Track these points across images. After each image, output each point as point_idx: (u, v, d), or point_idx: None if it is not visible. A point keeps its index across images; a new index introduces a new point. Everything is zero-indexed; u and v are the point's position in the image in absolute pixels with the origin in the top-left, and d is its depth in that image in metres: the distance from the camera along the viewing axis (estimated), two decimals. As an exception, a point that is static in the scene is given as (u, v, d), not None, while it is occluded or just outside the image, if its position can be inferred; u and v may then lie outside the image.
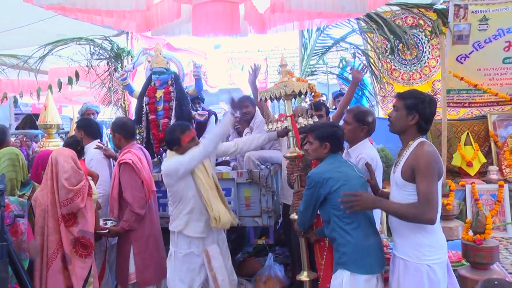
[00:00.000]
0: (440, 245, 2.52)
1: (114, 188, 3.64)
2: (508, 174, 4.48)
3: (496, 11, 4.41)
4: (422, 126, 2.55)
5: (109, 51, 5.34)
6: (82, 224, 3.13)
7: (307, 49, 5.33)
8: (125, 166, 3.60)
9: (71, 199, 3.08)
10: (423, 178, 2.42)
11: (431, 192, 2.40)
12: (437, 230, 2.51)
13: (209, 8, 3.09)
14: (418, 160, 2.46)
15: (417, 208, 2.43)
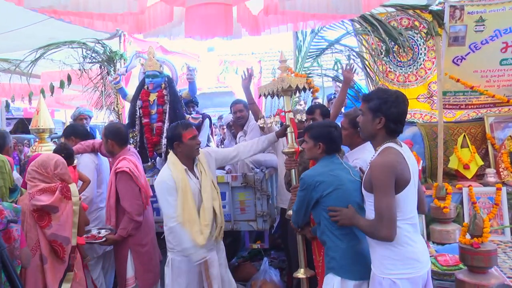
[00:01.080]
0: (408, 259, 2.38)
1: (111, 197, 3.64)
2: (506, 176, 4.49)
3: (493, 11, 4.43)
4: (391, 128, 2.43)
5: (102, 55, 5.34)
6: (56, 228, 3.11)
7: (301, 51, 5.33)
8: (122, 174, 3.59)
9: (33, 194, 3.08)
10: (376, 193, 2.34)
11: (384, 208, 2.30)
12: (404, 243, 2.38)
13: (202, 10, 3.09)
14: (371, 172, 2.39)
15: (372, 226, 2.38)
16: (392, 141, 2.44)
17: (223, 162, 3.77)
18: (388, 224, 2.29)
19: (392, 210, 2.30)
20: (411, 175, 2.38)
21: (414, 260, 2.38)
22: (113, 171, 3.67)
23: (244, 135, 4.68)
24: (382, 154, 2.41)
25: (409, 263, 2.37)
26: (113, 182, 3.63)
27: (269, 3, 3.49)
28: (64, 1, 3.12)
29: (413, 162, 2.47)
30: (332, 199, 2.66)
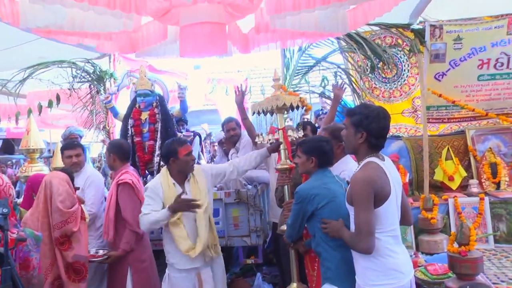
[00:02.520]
0: (389, 270, 2.44)
1: (111, 209, 3.68)
2: (488, 187, 4.67)
3: (469, 31, 4.65)
4: (372, 143, 2.50)
5: (92, 74, 5.39)
6: (77, 249, 3.17)
7: (289, 68, 5.48)
8: (125, 186, 3.67)
9: (65, 222, 3.12)
10: (356, 206, 2.42)
11: (363, 222, 2.37)
12: (385, 255, 2.45)
13: (196, 30, 3.19)
14: (352, 187, 2.46)
15: (352, 238, 2.46)
16: (374, 156, 2.53)
17: (220, 178, 3.78)
18: (366, 238, 2.37)
19: (370, 224, 2.38)
20: (392, 189, 2.47)
21: (396, 271, 2.45)
22: (114, 183, 3.73)
23: (236, 152, 4.77)
24: (362, 168, 2.49)
25: (391, 274, 2.45)
26: (114, 194, 3.69)
27: (260, 22, 3.62)
28: (60, 21, 3.21)
29: (395, 176, 2.56)
30: (326, 211, 2.75)
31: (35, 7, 3.11)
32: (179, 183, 3.50)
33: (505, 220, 4.38)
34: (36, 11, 3.16)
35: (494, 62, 4.70)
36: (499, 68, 4.73)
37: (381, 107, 2.64)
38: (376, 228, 2.42)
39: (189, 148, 3.51)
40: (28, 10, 3.18)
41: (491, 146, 4.94)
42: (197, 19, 3.21)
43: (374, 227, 2.39)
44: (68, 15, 3.18)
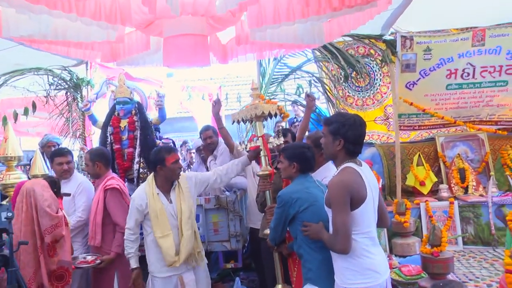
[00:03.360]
0: (366, 269, 2.60)
1: (98, 214, 3.78)
2: (457, 191, 4.93)
3: (437, 42, 4.92)
4: (350, 149, 2.66)
5: (68, 81, 5.42)
6: (61, 254, 3.22)
7: (265, 77, 5.66)
8: (113, 191, 3.80)
9: (56, 226, 3.18)
10: (333, 209, 2.57)
11: (339, 224, 2.52)
12: (362, 256, 2.60)
13: (180, 41, 3.33)
14: (329, 191, 2.62)
15: (330, 239, 2.63)
16: (352, 161, 2.70)
17: (204, 186, 3.90)
18: (343, 239, 2.53)
19: (346, 226, 2.53)
20: (369, 192, 2.64)
21: (372, 271, 2.62)
22: (101, 188, 3.82)
23: (215, 159, 4.91)
24: (340, 173, 2.67)
25: (367, 274, 2.61)
26: (102, 199, 3.79)
27: (240, 34, 3.79)
28: (45, 30, 3.28)
29: (371, 180, 2.74)
30: (308, 214, 2.93)
31: (19, 16, 3.18)
32: (164, 192, 3.62)
33: (473, 223, 4.65)
34: (20, 20, 3.23)
35: (461, 72, 4.99)
36: (465, 78, 5.02)
37: (357, 115, 2.82)
38: (353, 229, 2.59)
39: (176, 157, 3.63)
40: (12, 19, 3.25)
41: (459, 152, 5.23)
42: (180, 30, 3.35)
43: (350, 228, 2.55)
44: (52, 24, 3.26)
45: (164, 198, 3.63)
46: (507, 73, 5.03)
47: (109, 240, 3.91)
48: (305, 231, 2.90)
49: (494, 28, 4.82)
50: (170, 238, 3.53)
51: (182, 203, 3.59)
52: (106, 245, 3.90)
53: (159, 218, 3.55)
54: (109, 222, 3.96)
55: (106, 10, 3.02)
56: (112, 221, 3.95)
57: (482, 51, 4.90)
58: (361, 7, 3.27)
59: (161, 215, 3.55)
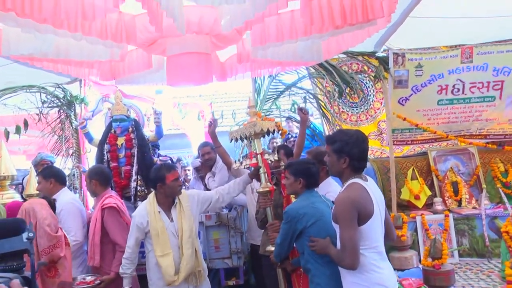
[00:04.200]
0: (374, 284, 2.62)
1: (96, 234, 3.73)
2: (451, 204, 5.04)
3: (428, 59, 5.06)
4: (355, 166, 2.73)
5: (62, 99, 5.39)
6: (63, 275, 3.19)
7: (260, 94, 5.73)
8: (110, 210, 3.76)
9: (53, 247, 3.14)
10: (340, 225, 2.61)
11: (347, 239, 2.56)
12: (371, 270, 2.63)
13: (183, 59, 3.37)
14: (336, 206, 2.66)
15: (338, 255, 2.66)
16: (357, 177, 2.75)
17: (206, 205, 3.90)
18: (351, 254, 2.57)
19: (354, 241, 2.57)
20: (375, 208, 2.69)
21: (381, 286, 2.64)
22: (98, 207, 3.79)
23: (213, 176, 4.92)
24: (346, 189, 2.71)
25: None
26: (99, 219, 3.76)
27: (241, 52, 3.84)
28: (46, 48, 3.27)
29: (378, 195, 2.79)
30: (315, 229, 2.96)
31: (20, 35, 3.17)
32: (165, 210, 3.63)
33: (468, 235, 4.75)
34: (21, 39, 3.21)
35: (451, 88, 5.14)
36: (456, 93, 5.17)
37: (358, 131, 2.89)
38: (361, 245, 2.63)
39: (176, 174, 3.64)
40: (13, 37, 3.24)
41: (451, 166, 5.36)
42: (184, 49, 3.39)
43: (358, 244, 2.59)
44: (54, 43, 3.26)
45: (165, 216, 3.64)
46: (494, 89, 5.21)
47: (108, 260, 3.88)
48: (312, 246, 2.93)
49: (481, 46, 4.99)
50: (170, 257, 3.53)
51: (183, 222, 3.60)
52: (106, 265, 3.86)
53: (160, 236, 3.55)
54: (108, 241, 3.93)
55: (112, 29, 3.05)
56: (111, 241, 3.93)
57: (471, 68, 5.07)
58: (362, 25, 3.36)
59: (162, 234, 3.56)
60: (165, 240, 3.55)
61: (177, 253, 3.57)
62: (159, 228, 3.55)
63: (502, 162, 5.34)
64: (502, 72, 5.06)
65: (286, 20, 3.32)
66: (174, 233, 3.61)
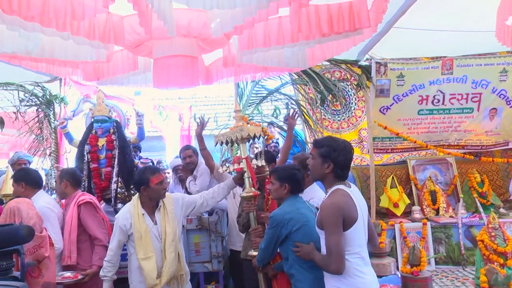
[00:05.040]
0: None
1: (73, 232, 3.77)
2: (429, 213, 5.18)
3: (410, 69, 5.21)
4: (338, 173, 2.78)
5: (40, 98, 5.33)
6: (47, 276, 3.16)
7: (242, 99, 5.78)
8: (87, 205, 3.82)
9: (38, 246, 3.12)
10: (326, 230, 2.66)
11: (333, 244, 2.61)
12: (354, 275, 2.69)
13: (170, 62, 3.39)
14: (321, 212, 2.70)
15: (324, 260, 2.71)
16: (341, 183, 2.82)
17: (190, 209, 3.91)
18: (337, 259, 2.63)
19: (340, 247, 2.63)
20: (359, 213, 2.76)
21: None
22: (74, 205, 3.80)
23: (194, 179, 4.93)
24: (331, 195, 2.77)
25: None
26: (75, 216, 3.78)
27: (227, 56, 3.88)
28: (31, 47, 3.25)
29: (361, 202, 2.86)
30: (300, 235, 3.02)
31: (4, 32, 3.15)
32: (149, 212, 3.64)
33: (444, 243, 4.89)
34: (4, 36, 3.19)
35: (431, 98, 5.30)
36: (436, 104, 5.34)
37: (346, 141, 2.96)
38: (346, 250, 2.69)
39: (161, 177, 3.66)
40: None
41: (430, 175, 5.52)
42: (171, 52, 3.41)
43: (343, 249, 2.66)
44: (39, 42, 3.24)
45: (149, 219, 3.64)
46: (473, 101, 5.40)
47: (85, 257, 3.90)
48: (297, 252, 2.99)
49: (460, 58, 5.17)
50: (152, 261, 3.54)
51: (167, 225, 3.61)
52: (83, 261, 3.88)
53: (143, 239, 3.56)
54: (85, 238, 3.95)
55: (100, 30, 3.06)
56: (87, 237, 3.95)
57: (451, 79, 5.24)
58: (348, 34, 3.45)
59: (145, 237, 3.56)
60: (148, 243, 3.56)
61: (159, 257, 3.58)
62: (142, 231, 3.56)
63: (479, 173, 5.51)
64: (480, 85, 5.25)
65: (274, 26, 3.38)
66: (157, 236, 3.62)
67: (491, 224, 4.18)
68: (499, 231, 4.13)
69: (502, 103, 5.33)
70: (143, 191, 3.61)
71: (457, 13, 4.05)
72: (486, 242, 4.09)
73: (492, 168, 5.67)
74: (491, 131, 5.55)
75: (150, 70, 3.81)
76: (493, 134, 5.58)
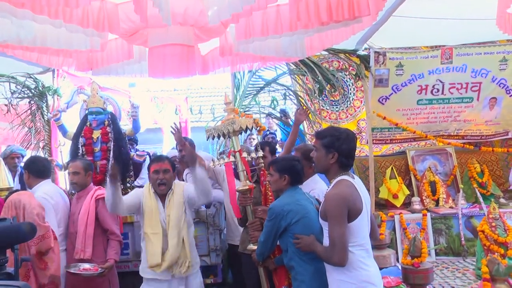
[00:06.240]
0: (362, 282, 2.65)
1: (89, 225, 3.79)
2: (429, 204, 5.18)
3: (409, 59, 5.18)
4: (343, 162, 2.75)
5: (33, 89, 5.26)
6: (53, 269, 3.16)
7: (239, 89, 5.74)
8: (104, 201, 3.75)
9: (43, 237, 3.12)
10: (330, 221, 2.63)
11: (337, 236, 2.58)
12: (358, 268, 2.66)
13: (166, 50, 3.34)
14: (326, 203, 2.68)
15: (327, 252, 2.68)
16: (345, 174, 2.79)
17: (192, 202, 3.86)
18: (340, 251, 2.60)
19: (344, 238, 2.60)
20: (364, 205, 2.73)
21: (368, 283, 2.68)
22: (91, 199, 3.87)
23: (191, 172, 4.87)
24: (336, 186, 2.73)
25: (364, 286, 2.67)
26: (92, 210, 3.82)
27: (224, 45, 3.83)
28: (23, 35, 3.20)
29: (365, 193, 2.83)
30: (299, 226, 2.99)
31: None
32: (159, 197, 3.73)
33: (445, 234, 4.90)
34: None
35: (431, 88, 5.29)
36: (435, 93, 5.32)
37: (348, 129, 2.93)
38: (350, 242, 2.66)
39: (157, 166, 3.68)
40: (-13, 23, 3.15)
41: (429, 165, 5.51)
42: (167, 40, 3.36)
43: (347, 241, 2.62)
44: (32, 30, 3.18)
45: (160, 201, 3.72)
46: (472, 90, 5.39)
47: (99, 252, 3.91)
48: (297, 244, 2.96)
49: (460, 47, 5.15)
50: (159, 237, 3.60)
51: (171, 211, 3.66)
52: (95, 256, 3.88)
53: (153, 214, 3.64)
54: (98, 233, 3.96)
55: (94, 17, 3.01)
56: (100, 232, 3.96)
57: (450, 69, 5.22)
58: (347, 22, 3.41)
59: (155, 213, 3.65)
60: (156, 220, 3.64)
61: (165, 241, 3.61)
62: (153, 207, 3.65)
63: (479, 163, 5.52)
64: (480, 74, 5.23)
65: (272, 14, 3.34)
66: (163, 219, 3.67)
67: (491, 215, 4.19)
68: (500, 221, 4.14)
69: (502, 92, 5.32)
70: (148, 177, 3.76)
71: (457, 1, 4.03)
72: (487, 232, 4.11)
73: (492, 158, 5.66)
74: (490, 121, 5.54)
75: (146, 59, 3.75)
76: (492, 124, 5.57)
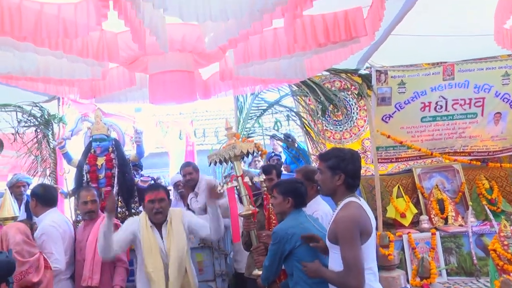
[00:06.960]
0: None
1: (97, 253, 3.73)
2: (437, 222, 5.12)
3: (411, 76, 5.20)
4: (350, 183, 2.71)
5: (39, 118, 5.34)
6: None
7: (242, 112, 5.77)
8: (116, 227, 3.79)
9: (25, 272, 3.09)
10: (343, 245, 2.56)
11: (352, 258, 2.52)
12: None
13: (166, 77, 3.39)
14: (337, 225, 2.61)
15: (342, 277, 2.58)
16: (352, 195, 2.75)
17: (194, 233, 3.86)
18: (357, 275, 2.53)
19: (359, 261, 2.54)
20: (373, 227, 2.69)
21: None
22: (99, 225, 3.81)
23: (195, 196, 4.91)
24: (345, 208, 2.68)
25: None
26: None
27: (224, 69, 3.89)
28: (26, 67, 3.27)
29: (371, 214, 2.79)
30: (303, 249, 2.97)
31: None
32: (156, 227, 3.66)
33: (455, 253, 4.82)
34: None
35: (434, 105, 5.28)
36: (439, 110, 5.31)
37: (352, 149, 2.93)
38: None
39: (152, 196, 3.64)
40: (-9, 56, 3.23)
41: (436, 183, 5.46)
42: (166, 67, 3.42)
43: (362, 263, 2.56)
44: (34, 61, 3.25)
45: (157, 232, 3.66)
46: (476, 106, 5.37)
47: (105, 279, 3.90)
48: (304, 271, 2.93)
49: (461, 63, 5.17)
50: (161, 273, 3.53)
51: (172, 244, 3.60)
52: (103, 284, 3.88)
53: (153, 249, 3.57)
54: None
55: (94, 47, 3.07)
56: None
57: (453, 85, 5.22)
58: (345, 43, 3.45)
59: (154, 247, 3.57)
60: (157, 255, 3.57)
61: (166, 277, 3.56)
62: (151, 240, 3.58)
63: (487, 179, 5.45)
64: (483, 89, 5.23)
65: (269, 38, 3.39)
66: (163, 250, 3.62)
67: (502, 233, 4.09)
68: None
69: (506, 107, 5.29)
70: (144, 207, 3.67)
71: (453, 18, 4.05)
72: (499, 251, 4.02)
73: (500, 173, 5.59)
74: (497, 136, 5.50)
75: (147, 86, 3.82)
76: (499, 139, 5.52)
